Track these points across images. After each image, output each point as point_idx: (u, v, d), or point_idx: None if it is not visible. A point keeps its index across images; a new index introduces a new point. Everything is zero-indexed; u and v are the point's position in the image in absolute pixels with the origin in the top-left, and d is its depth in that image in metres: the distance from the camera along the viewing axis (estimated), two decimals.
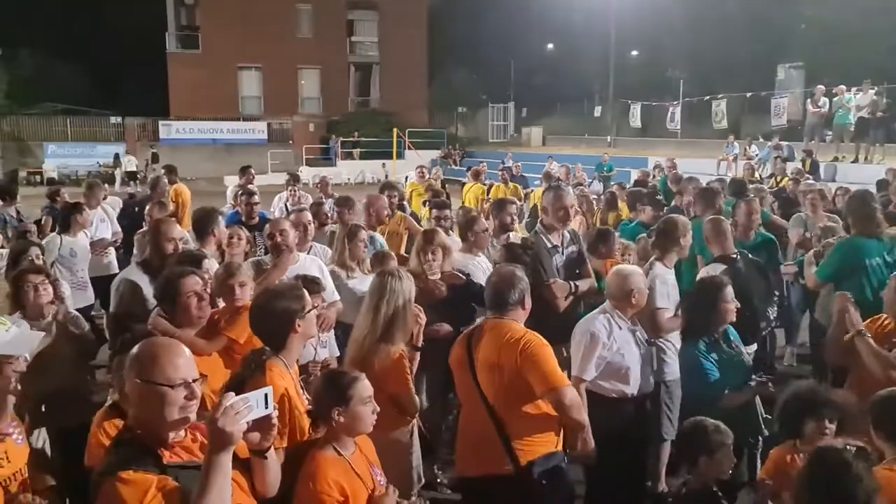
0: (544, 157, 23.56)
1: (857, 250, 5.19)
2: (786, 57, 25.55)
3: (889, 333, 3.97)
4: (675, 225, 4.79)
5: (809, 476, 2.55)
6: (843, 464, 2.47)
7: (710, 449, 3.30)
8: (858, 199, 5.55)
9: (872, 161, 16.68)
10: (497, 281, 3.60)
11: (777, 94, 22.36)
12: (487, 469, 3.40)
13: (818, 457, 2.57)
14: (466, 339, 3.60)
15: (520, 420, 3.38)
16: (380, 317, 3.68)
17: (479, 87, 42.27)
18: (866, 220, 5.25)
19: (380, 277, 3.84)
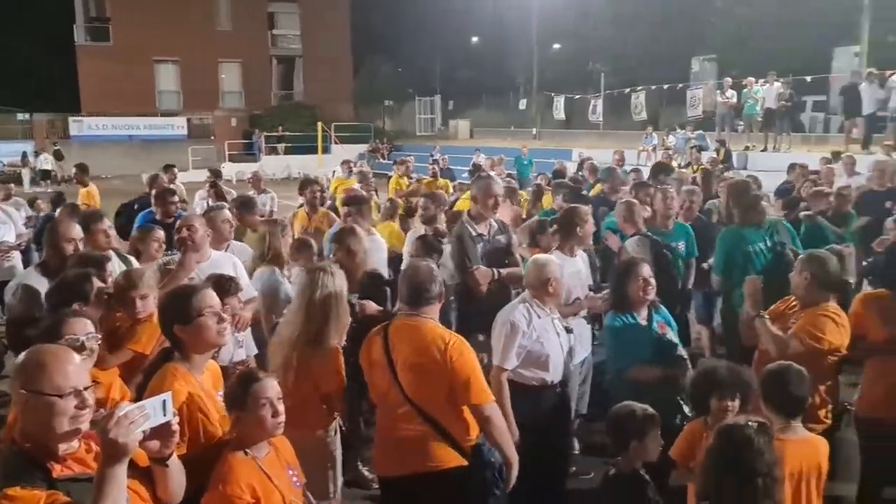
0: (472, 150, 23.72)
1: (739, 239, 5.37)
2: (700, 50, 26.47)
3: (795, 313, 4.14)
4: (574, 215, 4.90)
5: (715, 452, 2.66)
6: (746, 439, 2.59)
7: (642, 433, 3.35)
8: (740, 188, 5.75)
9: (780, 149, 17.44)
10: (413, 275, 3.50)
11: (692, 85, 23.12)
12: (415, 468, 3.35)
13: (723, 433, 2.69)
14: (382, 339, 3.46)
15: (454, 417, 3.36)
16: (312, 314, 3.60)
17: (405, 80, 42.12)
18: (747, 209, 5.44)
19: (310, 274, 3.76)
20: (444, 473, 3.32)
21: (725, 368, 3.51)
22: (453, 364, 3.27)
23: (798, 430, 3.14)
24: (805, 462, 3.06)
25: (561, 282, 4.09)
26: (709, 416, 3.47)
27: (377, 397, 3.55)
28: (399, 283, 3.59)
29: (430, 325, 3.42)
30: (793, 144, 18.27)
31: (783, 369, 3.25)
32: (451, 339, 3.37)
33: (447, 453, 3.33)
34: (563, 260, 4.67)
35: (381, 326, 3.56)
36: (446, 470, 3.32)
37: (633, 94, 24.29)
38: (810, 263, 4.05)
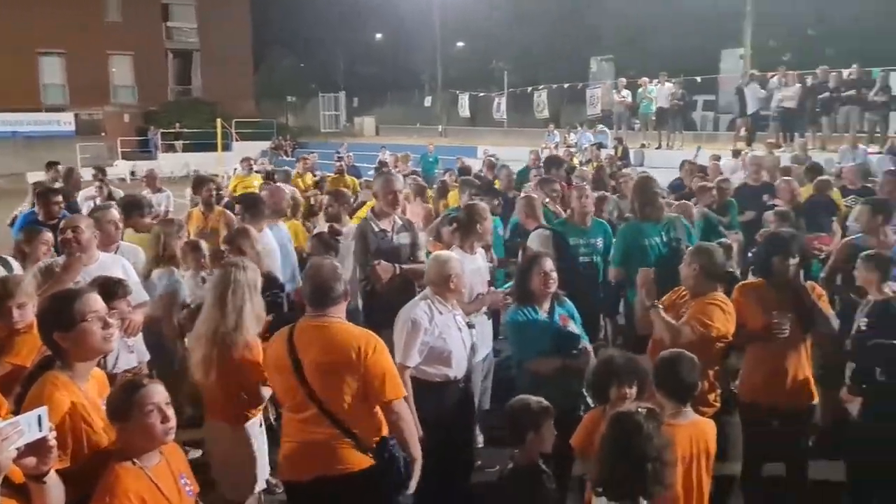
0: (378, 147, 23.58)
1: (637, 233, 5.58)
2: (598, 50, 27.32)
3: (686, 302, 4.33)
4: (474, 212, 4.95)
5: (608, 439, 2.76)
6: (636, 426, 2.70)
7: (537, 425, 3.40)
8: (640, 185, 5.98)
9: (673, 147, 18.26)
10: (316, 275, 3.42)
11: (591, 85, 23.86)
12: (323, 471, 3.29)
13: (614, 421, 2.79)
14: (287, 341, 3.37)
15: (363, 417, 3.33)
16: (228, 308, 3.61)
17: (309, 76, 41.46)
18: (647, 204, 5.67)
19: (223, 269, 3.80)
20: (351, 476, 3.28)
21: (623, 357, 3.63)
22: (368, 362, 3.25)
23: (689, 415, 3.28)
24: (695, 445, 3.20)
25: (462, 278, 4.12)
26: (608, 404, 3.58)
27: (282, 401, 3.48)
28: (302, 284, 3.52)
29: (341, 325, 3.38)
30: (685, 142, 19.16)
31: (675, 357, 3.38)
32: (365, 336, 3.34)
33: (354, 455, 3.29)
34: (464, 257, 4.69)
35: (286, 329, 3.46)
36: (354, 472, 3.28)
37: (536, 93, 24.81)
38: (699, 256, 4.25)
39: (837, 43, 23.55)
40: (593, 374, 3.63)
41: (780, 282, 4.20)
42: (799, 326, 4.12)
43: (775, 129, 16.34)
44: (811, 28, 24.16)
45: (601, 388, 3.55)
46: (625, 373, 3.49)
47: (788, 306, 4.12)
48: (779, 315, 4.05)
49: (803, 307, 4.14)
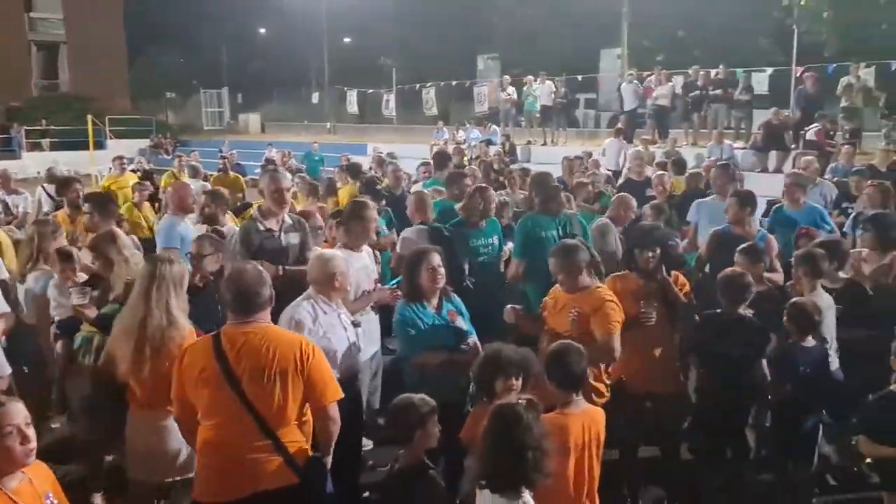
0: (264, 145, 22.96)
1: (535, 225, 5.69)
2: (484, 48, 27.75)
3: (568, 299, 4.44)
4: (358, 210, 4.87)
5: (488, 431, 2.79)
6: (515, 416, 2.75)
7: (423, 422, 3.38)
8: (540, 179, 6.11)
9: (558, 144, 18.82)
10: (240, 280, 3.25)
11: (478, 82, 24.20)
12: (258, 487, 3.14)
13: (495, 413, 2.82)
14: (214, 350, 3.18)
15: (292, 428, 3.23)
16: (152, 303, 3.62)
17: (190, 72, 39.76)
18: (546, 198, 5.80)
19: (150, 264, 3.80)
20: (280, 493, 3.17)
21: (509, 350, 3.66)
22: (310, 367, 3.18)
23: (580, 404, 3.36)
24: (587, 432, 3.28)
25: (347, 276, 4.04)
26: (495, 397, 3.61)
27: (208, 415, 3.22)
28: (223, 290, 3.32)
29: (276, 331, 3.30)
30: (568, 139, 19.79)
31: (563, 348, 3.45)
32: (301, 341, 3.27)
33: (285, 471, 3.18)
34: (349, 255, 4.60)
35: (208, 339, 3.28)
36: (283, 489, 3.17)
37: (424, 90, 24.90)
38: (581, 252, 4.37)
39: (705, 44, 25.02)
40: (479, 368, 3.65)
41: (647, 273, 4.41)
42: (666, 315, 4.34)
43: (650, 126, 17.15)
44: (682, 30, 25.53)
45: (487, 381, 3.57)
46: (510, 365, 3.53)
47: (655, 296, 4.34)
48: (646, 304, 4.26)
49: (668, 297, 4.36)
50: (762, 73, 18.19)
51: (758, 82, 17.36)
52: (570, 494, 3.21)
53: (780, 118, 14.77)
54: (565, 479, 3.19)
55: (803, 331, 4.23)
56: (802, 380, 4.10)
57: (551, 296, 4.41)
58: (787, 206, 6.57)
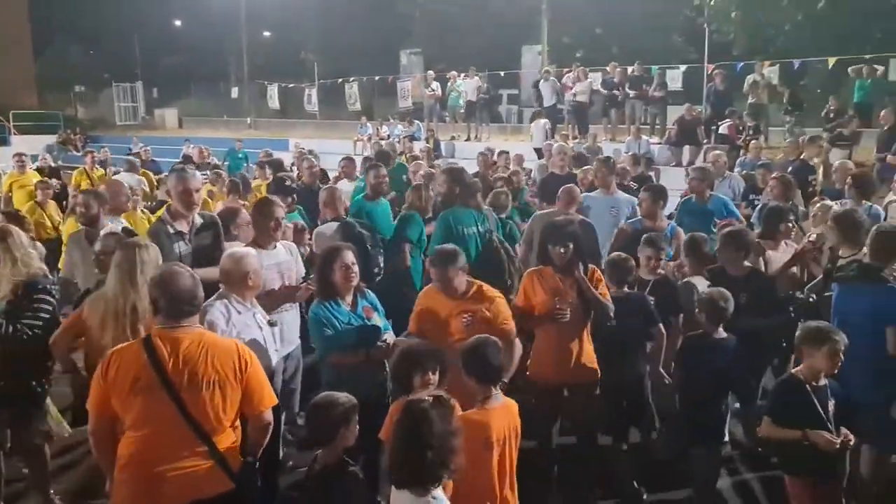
0: (181, 141, 22.24)
1: (455, 220, 5.72)
2: (407, 43, 27.64)
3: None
4: (267, 207, 4.76)
5: (397, 427, 2.80)
6: (422, 412, 2.74)
7: (346, 420, 3.33)
8: (457, 174, 6.11)
9: (481, 139, 18.95)
10: (172, 282, 3.13)
11: (402, 78, 24.10)
12: (195, 495, 3.05)
13: (404, 409, 2.82)
14: (149, 358, 3.03)
15: (227, 434, 3.14)
16: (138, 286, 3.64)
17: (101, 65, 38.04)
18: (465, 194, 5.82)
19: (126, 250, 3.79)
20: (216, 500, 3.09)
21: (423, 346, 3.65)
22: (249, 372, 3.13)
23: (499, 398, 3.38)
24: (507, 426, 3.31)
25: (260, 274, 3.94)
26: (413, 393, 3.59)
27: (138, 424, 3.05)
28: (153, 293, 3.17)
29: (212, 336, 3.22)
30: (491, 134, 19.97)
31: (480, 342, 3.47)
32: (237, 346, 3.20)
33: (221, 477, 3.10)
34: (261, 252, 4.48)
35: (137, 343, 3.14)
36: (219, 496, 3.09)
37: (347, 85, 24.65)
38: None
39: (622, 42, 25.70)
40: (395, 364, 3.63)
41: (562, 267, 4.44)
42: (581, 310, 4.40)
43: (570, 121, 17.49)
44: (599, 28, 26.12)
45: (404, 377, 3.55)
46: (426, 360, 3.53)
47: (570, 291, 4.39)
48: (560, 300, 4.29)
49: (582, 291, 4.41)
50: (676, 70, 18.81)
51: (672, 79, 17.94)
52: (494, 487, 3.23)
53: (693, 114, 15.30)
54: (489, 473, 3.21)
55: (715, 322, 4.30)
56: (713, 371, 4.21)
57: (428, 304, 4.30)
58: (694, 199, 6.80)
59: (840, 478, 3.82)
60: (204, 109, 33.38)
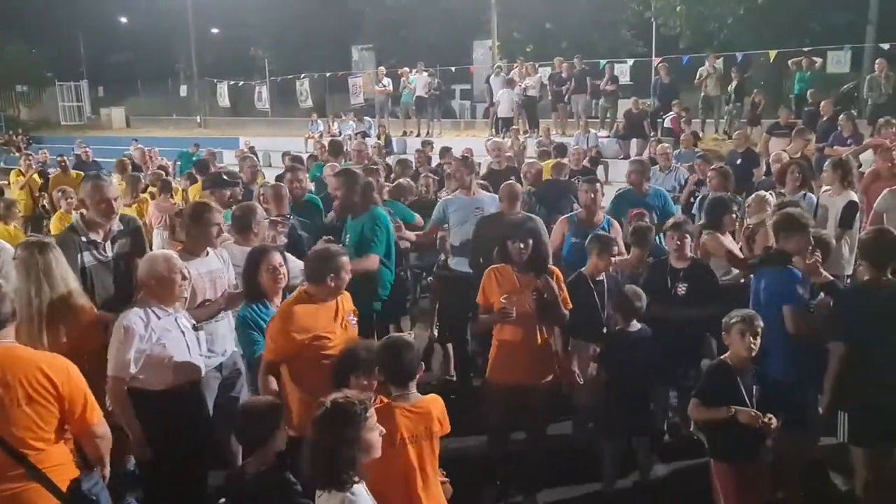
0: (129, 141, 21.71)
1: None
2: (358, 39, 27.40)
3: None
4: (200, 211, 4.51)
5: (314, 429, 2.77)
6: (342, 410, 2.73)
7: (278, 425, 3.30)
8: (351, 178, 5.94)
9: (434, 135, 18.91)
10: None
11: (353, 74, 23.92)
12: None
13: (318, 408, 2.78)
14: None
15: (49, 452, 2.97)
16: (49, 284, 3.70)
17: (43, 63, 36.79)
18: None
19: (28, 249, 3.82)
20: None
21: (363, 349, 3.61)
22: (70, 386, 2.96)
23: (411, 396, 3.34)
24: (422, 424, 3.28)
25: (181, 277, 3.81)
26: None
27: None
28: None
29: (26, 350, 3.01)
30: (444, 130, 19.95)
31: (392, 341, 3.46)
32: (56, 359, 3.02)
33: (45, 499, 2.93)
34: (192, 260, 4.30)
35: None
36: None
37: (298, 82, 24.37)
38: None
39: (571, 36, 25.87)
40: (336, 363, 3.60)
41: (521, 265, 4.39)
42: (535, 307, 4.34)
43: (519, 115, 17.56)
44: (549, 22, 26.25)
45: (342, 377, 3.51)
46: (364, 363, 3.49)
47: (526, 290, 4.34)
48: (507, 299, 4.25)
49: (539, 290, 4.35)
50: (624, 64, 19.03)
51: (620, 73, 18.15)
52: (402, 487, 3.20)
53: (639, 107, 15.51)
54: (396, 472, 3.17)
55: (628, 318, 4.44)
56: (629, 363, 4.31)
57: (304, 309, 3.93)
58: (633, 192, 6.88)
59: (764, 461, 3.89)
60: (152, 108, 32.63)
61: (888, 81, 13.95)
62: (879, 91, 13.92)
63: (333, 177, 5.50)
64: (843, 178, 6.41)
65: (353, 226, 5.35)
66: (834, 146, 10.91)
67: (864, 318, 3.91)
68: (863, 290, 4.00)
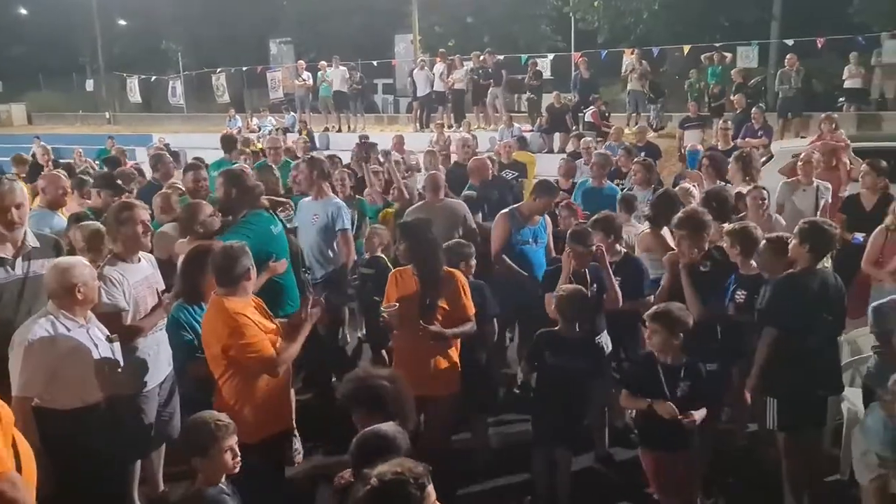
0: (31, 138, 20.47)
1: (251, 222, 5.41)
2: (277, 33, 26.70)
3: None
4: (121, 212, 4.11)
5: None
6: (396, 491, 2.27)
7: (217, 441, 2.96)
8: (235, 178, 5.73)
9: (356, 130, 18.59)
10: None
11: (272, 68, 23.30)
12: None
13: (373, 486, 2.26)
14: None
15: None
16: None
17: None
18: (250, 196, 5.54)
19: None
20: None
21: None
22: None
23: None
24: None
25: (92, 286, 3.48)
26: None
27: None
28: None
29: None
30: (367, 124, 19.65)
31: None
32: None
33: None
34: (125, 268, 3.97)
35: None
36: None
37: (214, 76, 23.58)
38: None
39: (492, 30, 25.99)
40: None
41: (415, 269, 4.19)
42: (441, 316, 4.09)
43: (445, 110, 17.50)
44: (470, 16, 26.27)
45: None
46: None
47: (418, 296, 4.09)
48: (389, 305, 4.06)
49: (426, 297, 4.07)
50: (545, 58, 19.22)
51: (542, 67, 18.31)
52: None
53: (561, 101, 15.69)
54: None
55: (571, 320, 4.25)
56: (560, 369, 4.18)
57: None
58: (591, 184, 7.02)
59: (690, 452, 3.89)
60: (56, 104, 30.86)
61: (798, 75, 14.57)
62: (790, 85, 14.51)
63: (217, 176, 5.01)
64: (744, 171, 6.56)
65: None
66: (746, 138, 11.30)
67: (796, 305, 3.98)
68: (797, 277, 4.07)
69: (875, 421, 3.64)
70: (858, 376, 4.58)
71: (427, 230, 4.25)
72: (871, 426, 3.68)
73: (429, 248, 4.15)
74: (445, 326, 4.07)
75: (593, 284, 4.61)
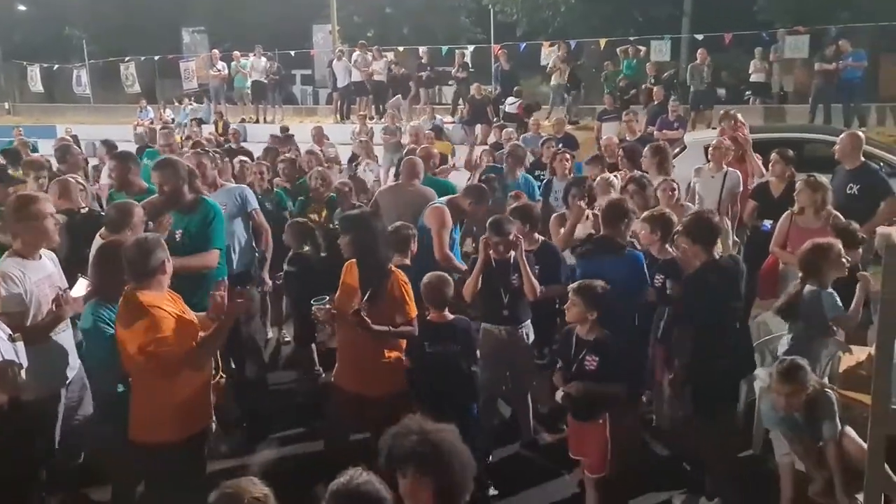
0: None
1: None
2: (189, 21, 25.76)
3: None
4: (23, 206, 3.82)
5: None
6: None
7: None
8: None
9: (275, 121, 18.22)
10: None
11: (185, 57, 22.50)
12: None
13: None
14: None
15: None
16: None
17: None
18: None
19: None
20: None
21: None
22: None
23: None
24: None
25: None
26: None
27: None
28: None
29: None
30: (285, 116, 19.28)
31: None
32: None
33: None
34: (25, 265, 3.73)
35: None
36: None
37: (123, 65, 22.60)
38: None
39: (411, 21, 25.85)
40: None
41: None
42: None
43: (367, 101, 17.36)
44: (389, 7, 26.05)
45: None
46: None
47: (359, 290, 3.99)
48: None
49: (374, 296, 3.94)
50: (465, 49, 19.30)
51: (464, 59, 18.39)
52: None
53: (482, 93, 15.80)
54: None
55: (440, 306, 4.22)
56: (433, 358, 4.14)
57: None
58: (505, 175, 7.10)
59: (601, 423, 4.03)
60: None
61: (708, 69, 15.14)
62: (701, 78, 15.07)
63: (154, 170, 4.81)
64: (659, 163, 6.74)
65: (185, 220, 4.72)
66: (662, 129, 11.66)
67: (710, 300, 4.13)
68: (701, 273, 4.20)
69: (766, 406, 4.00)
70: (769, 355, 4.77)
71: (369, 223, 4.08)
72: (765, 411, 3.99)
73: (371, 242, 3.99)
74: (386, 325, 3.92)
75: (515, 274, 4.64)
